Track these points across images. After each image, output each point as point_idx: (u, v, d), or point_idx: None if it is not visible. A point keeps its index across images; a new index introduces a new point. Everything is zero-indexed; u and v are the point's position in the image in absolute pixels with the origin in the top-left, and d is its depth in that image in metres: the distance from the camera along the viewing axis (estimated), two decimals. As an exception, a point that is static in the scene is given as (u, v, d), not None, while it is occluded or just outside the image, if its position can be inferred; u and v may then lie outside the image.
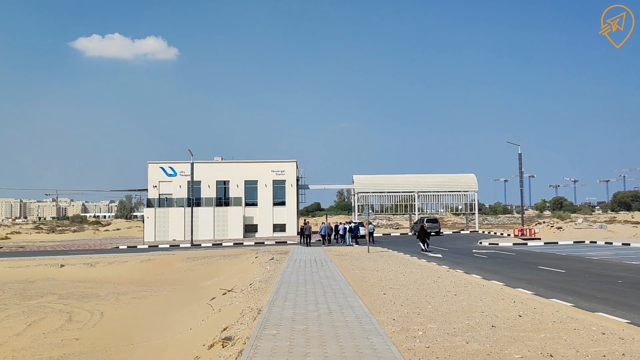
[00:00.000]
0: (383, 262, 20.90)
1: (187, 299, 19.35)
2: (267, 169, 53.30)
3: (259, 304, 10.84)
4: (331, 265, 18.94)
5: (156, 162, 53.41)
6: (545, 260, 22.45)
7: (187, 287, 24.25)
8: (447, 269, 17.82)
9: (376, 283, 13.83)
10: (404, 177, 59.19)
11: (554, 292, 12.74)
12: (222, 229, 50.69)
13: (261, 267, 21.10)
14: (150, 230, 50.57)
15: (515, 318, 8.85)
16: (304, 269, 17.82)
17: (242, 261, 28.54)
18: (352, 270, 17.15)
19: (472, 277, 15.63)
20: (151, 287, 24.83)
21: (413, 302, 10.54)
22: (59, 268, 31.88)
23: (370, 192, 56.29)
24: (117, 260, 33.32)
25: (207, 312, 13.70)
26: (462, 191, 57.79)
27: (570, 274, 17.10)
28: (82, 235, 72.84)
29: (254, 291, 13.13)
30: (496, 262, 21.90)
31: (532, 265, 20.29)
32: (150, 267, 31.90)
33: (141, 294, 21.82)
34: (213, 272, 27.54)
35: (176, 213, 50.84)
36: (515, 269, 18.94)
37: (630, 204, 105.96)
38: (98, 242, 53.98)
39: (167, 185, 53.18)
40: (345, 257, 23.82)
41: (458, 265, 20.91)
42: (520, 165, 45.05)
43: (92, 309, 18.02)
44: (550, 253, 26.37)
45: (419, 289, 12.55)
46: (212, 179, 53.09)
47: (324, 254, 26.25)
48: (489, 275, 16.61)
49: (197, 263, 31.11)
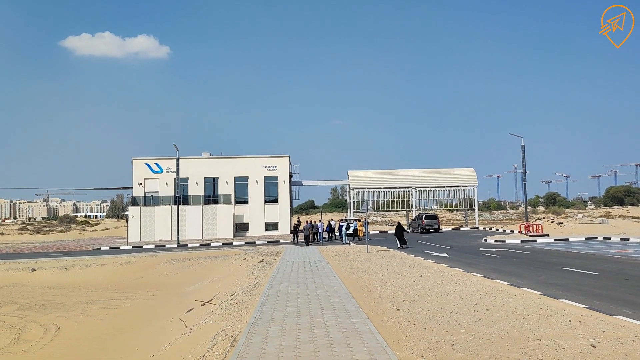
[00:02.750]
0: (386, 264, 18.46)
1: (163, 309, 16.84)
2: (258, 165, 50.63)
3: (236, 327, 8.36)
4: (328, 269, 16.46)
5: (141, 159, 50.62)
6: (566, 259, 20.07)
7: (166, 293, 21.75)
8: (463, 273, 15.39)
9: (384, 293, 11.37)
10: (400, 172, 56.75)
11: (607, 304, 10.33)
12: (211, 228, 48.04)
13: (248, 271, 18.59)
14: (135, 230, 47.81)
15: (588, 350, 6.43)
16: (297, 274, 15.32)
17: (229, 263, 26.04)
18: (352, 276, 14.67)
19: (496, 283, 13.19)
20: (127, 294, 22.30)
21: (439, 324, 8.08)
22: (29, 272, 29.25)
23: (366, 188, 53.78)
24: (94, 263, 30.71)
25: (178, 330, 11.23)
26: (461, 186, 55.43)
27: (605, 276, 14.71)
28: (68, 236, 69.82)
29: (233, 306, 10.61)
30: (512, 263, 19.50)
31: (555, 266, 17.89)
32: (129, 270, 29.32)
33: (112, 303, 19.26)
34: (197, 276, 25.04)
35: (163, 212, 48.11)
36: (538, 271, 16.53)
37: (622, 199, 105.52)
38: (81, 243, 51.16)
39: (153, 182, 50.42)
40: (343, 259, 21.35)
41: (470, 266, 18.51)
42: (524, 158, 42.71)
43: (50, 324, 15.45)
44: (566, 251, 24.01)
45: (439, 302, 10.10)
46: (200, 176, 50.38)
47: (319, 254, 23.78)
48: (513, 279, 14.20)
49: (180, 265, 28.60)
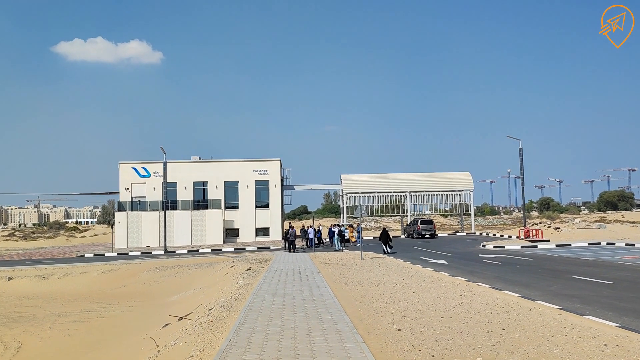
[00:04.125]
0: (382, 273, 17.12)
1: (139, 322, 15.40)
2: (249, 169, 49.26)
3: (206, 352, 6.99)
4: (319, 279, 15.08)
5: (128, 163, 49.14)
6: (574, 267, 18.80)
7: (146, 304, 20.31)
8: (466, 283, 14.06)
9: (382, 308, 10.01)
10: (394, 176, 55.48)
11: (638, 321, 9.02)
12: (200, 234, 46.57)
13: (233, 280, 17.19)
14: (121, 237, 46.32)
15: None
16: (284, 284, 13.93)
17: (216, 272, 24.63)
18: (346, 287, 13.29)
19: (505, 294, 11.86)
20: (104, 304, 20.83)
21: (449, 349, 6.73)
22: (5, 282, 27.68)
23: (360, 193, 52.42)
24: (75, 271, 29.19)
25: (148, 350, 9.85)
26: (456, 190, 54.22)
27: (623, 286, 13.42)
28: (55, 242, 68.05)
29: (209, 324, 9.22)
30: (517, 271, 18.20)
31: (564, 274, 16.60)
32: (111, 278, 27.84)
33: (86, 316, 17.79)
34: (181, 285, 23.62)
35: (150, 217, 46.64)
36: (547, 280, 15.23)
37: (616, 204, 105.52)
38: (66, 249, 49.47)
39: (140, 187, 48.97)
40: (336, 266, 19.98)
41: (472, 275, 17.21)
42: (522, 160, 41.60)
43: (12, 340, 13.97)
44: (572, 257, 22.76)
45: (445, 319, 8.77)
46: (189, 180, 48.97)
47: (310, 262, 22.40)
48: (522, 290, 12.89)
49: (165, 274, 27.14)
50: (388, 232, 29.68)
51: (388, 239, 28.73)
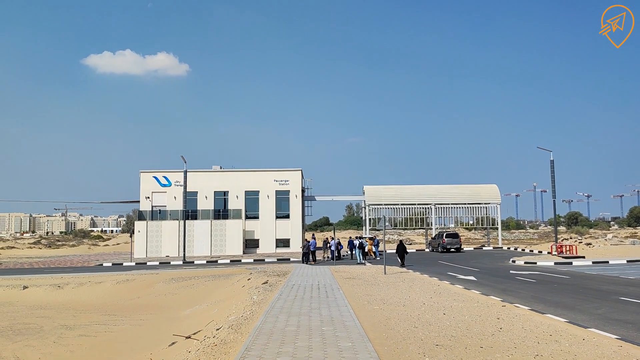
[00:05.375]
0: (407, 290, 15.86)
1: (146, 339, 14.43)
2: (270, 179, 48.40)
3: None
4: (339, 296, 13.90)
5: (149, 172, 48.78)
6: (618, 287, 17.24)
7: (158, 318, 19.38)
8: (502, 303, 12.73)
9: (409, 332, 8.81)
10: (419, 188, 53.90)
11: None
12: (220, 244, 45.77)
13: (248, 295, 16.14)
14: (141, 246, 45.85)
15: None
16: (301, 301, 12.79)
17: (233, 284, 23.63)
18: (368, 306, 12.09)
19: (549, 319, 10.52)
20: (116, 317, 19.97)
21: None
22: (20, 290, 27.19)
23: (383, 205, 51.01)
24: (90, 280, 28.55)
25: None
26: (482, 203, 52.49)
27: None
28: (77, 251, 68.16)
29: (212, 348, 8.14)
30: (555, 290, 16.74)
31: (609, 295, 15.10)
32: (126, 289, 27.08)
33: (94, 329, 16.91)
34: (196, 297, 22.67)
35: (170, 226, 46.07)
36: (592, 301, 13.78)
37: None
38: (86, 258, 49.23)
39: (161, 196, 48.52)
40: (357, 282, 18.77)
41: (506, 293, 15.84)
42: (553, 172, 39.74)
43: (11, 355, 13.13)
44: (612, 276, 21.11)
45: (485, 349, 7.53)
46: (210, 190, 48.35)
47: (331, 276, 21.22)
48: (566, 313, 11.53)
49: (181, 285, 26.25)
50: (405, 245, 29.29)
51: (405, 252, 28.16)
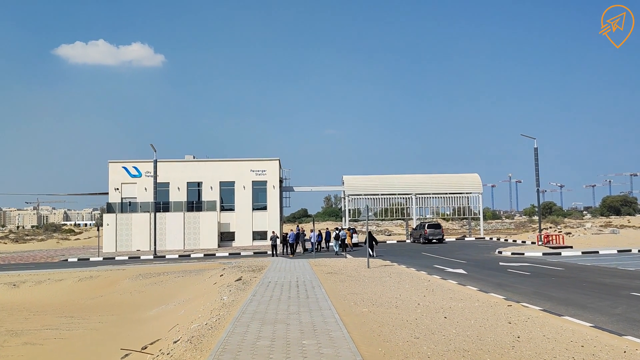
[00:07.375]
0: (396, 286, 14.30)
1: (99, 347, 12.59)
2: (246, 169, 46.43)
3: None
4: (320, 295, 12.23)
5: (118, 162, 46.33)
6: (622, 280, 15.97)
7: (120, 319, 17.54)
8: (507, 303, 11.23)
9: (411, 345, 7.19)
10: (399, 177, 52.46)
11: None
12: (193, 237, 43.71)
13: (218, 294, 14.37)
14: (110, 240, 43.53)
15: None
16: (277, 303, 11.08)
17: (204, 280, 21.86)
18: (355, 308, 10.44)
19: (571, 323, 8.99)
20: (73, 319, 18.04)
21: None
22: (-30, 290, 24.87)
23: (362, 195, 49.48)
24: (50, 278, 26.42)
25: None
26: (464, 193, 51.26)
27: None
28: (44, 245, 65.07)
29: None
30: (555, 284, 15.38)
31: (617, 290, 13.75)
32: (89, 286, 25.07)
33: (43, 335, 14.96)
34: (164, 296, 20.86)
35: (141, 219, 43.80)
36: (603, 298, 12.38)
37: (619, 209, 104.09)
38: (52, 253, 46.60)
39: (131, 187, 46.15)
40: (340, 277, 17.15)
41: (503, 289, 14.42)
42: (537, 160, 38.42)
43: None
44: (609, 268, 19.91)
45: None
46: (183, 180, 46.15)
47: (311, 271, 19.56)
48: (580, 313, 10.11)
49: (148, 282, 24.37)
50: (374, 235, 29.02)
51: (374, 242, 27.57)
